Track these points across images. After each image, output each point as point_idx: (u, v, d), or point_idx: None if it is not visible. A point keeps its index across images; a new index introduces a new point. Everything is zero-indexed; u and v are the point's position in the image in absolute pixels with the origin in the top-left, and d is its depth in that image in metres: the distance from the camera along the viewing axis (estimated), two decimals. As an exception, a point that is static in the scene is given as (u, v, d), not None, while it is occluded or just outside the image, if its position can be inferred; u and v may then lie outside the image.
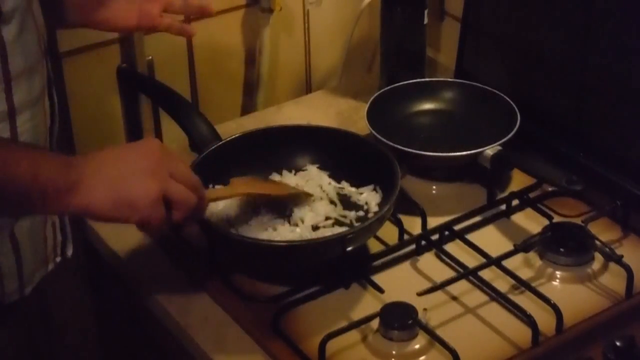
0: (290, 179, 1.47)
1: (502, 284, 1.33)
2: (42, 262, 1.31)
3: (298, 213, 1.40)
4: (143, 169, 1.14)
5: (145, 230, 1.18)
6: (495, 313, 1.30)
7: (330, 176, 1.48)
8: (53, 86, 1.28)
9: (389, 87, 1.68)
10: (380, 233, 1.40)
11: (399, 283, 1.35)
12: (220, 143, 1.47)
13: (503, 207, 1.49)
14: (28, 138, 1.20)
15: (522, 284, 1.32)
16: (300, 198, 1.42)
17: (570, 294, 1.33)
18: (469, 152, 1.50)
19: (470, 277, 1.34)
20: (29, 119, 1.20)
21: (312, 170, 1.49)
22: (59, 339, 1.56)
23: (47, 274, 1.34)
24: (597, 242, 1.38)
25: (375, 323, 1.26)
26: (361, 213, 1.41)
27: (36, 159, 1.09)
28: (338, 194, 1.45)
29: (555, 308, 1.26)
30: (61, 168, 1.10)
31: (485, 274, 1.34)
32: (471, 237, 1.42)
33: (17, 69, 1.17)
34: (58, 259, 1.34)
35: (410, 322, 1.24)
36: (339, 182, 1.47)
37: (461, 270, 1.36)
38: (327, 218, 1.41)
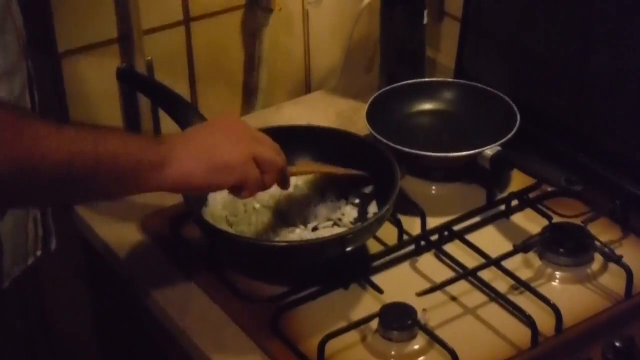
0: (291, 179, 1.47)
1: (502, 284, 1.33)
2: (22, 257, 1.30)
3: (299, 215, 1.40)
4: (230, 135, 1.21)
5: (241, 195, 1.22)
6: (495, 314, 1.30)
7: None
8: (34, 85, 1.28)
9: (388, 88, 1.68)
10: (379, 234, 1.40)
11: (398, 284, 1.35)
12: (220, 143, 1.46)
13: (503, 207, 1.49)
14: None
15: (521, 285, 1.32)
16: (361, 178, 1.44)
17: (570, 294, 1.33)
18: (468, 153, 1.50)
19: (470, 278, 1.34)
20: None
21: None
22: (58, 339, 1.56)
23: (44, 269, 1.33)
24: (597, 243, 1.38)
25: (374, 324, 1.26)
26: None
27: (125, 138, 1.14)
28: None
29: (554, 308, 1.26)
30: (151, 144, 1.15)
31: (485, 274, 1.34)
32: (471, 237, 1.42)
33: None
34: (39, 253, 1.33)
35: (409, 322, 1.24)
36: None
37: (461, 270, 1.36)
38: (327, 219, 1.41)
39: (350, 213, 1.42)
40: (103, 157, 1.08)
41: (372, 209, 1.42)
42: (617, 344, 1.22)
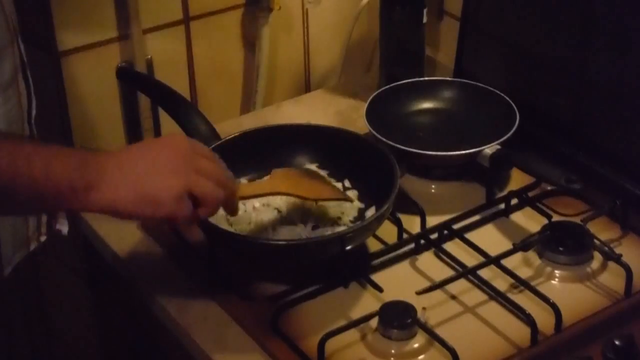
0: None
1: (501, 283, 1.33)
2: (23, 243, 1.29)
3: (299, 213, 1.40)
4: (167, 164, 1.13)
5: (172, 227, 1.17)
6: (494, 312, 1.30)
7: (329, 175, 1.48)
8: (27, 69, 1.27)
9: (388, 86, 1.68)
10: (379, 232, 1.40)
11: (398, 282, 1.35)
12: (220, 142, 1.47)
13: (502, 206, 1.49)
14: (3, 124, 1.20)
15: (521, 283, 1.32)
16: (339, 203, 1.41)
17: (570, 293, 1.33)
18: (468, 151, 1.50)
19: (469, 276, 1.34)
20: (1, 104, 1.20)
21: (312, 169, 1.49)
22: (58, 339, 1.57)
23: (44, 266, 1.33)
24: (596, 241, 1.38)
25: (374, 322, 1.26)
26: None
27: (50, 156, 1.07)
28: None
29: (554, 307, 1.26)
30: (78, 166, 1.08)
31: (484, 273, 1.34)
32: (470, 236, 1.42)
33: None
34: (43, 238, 1.31)
35: (409, 321, 1.25)
36: (338, 181, 1.47)
37: (460, 269, 1.36)
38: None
39: (350, 211, 1.42)
40: (21, 177, 1.03)
41: (371, 208, 1.42)
42: (617, 343, 1.22)
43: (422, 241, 1.41)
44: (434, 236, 1.41)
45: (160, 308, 1.35)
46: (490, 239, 1.43)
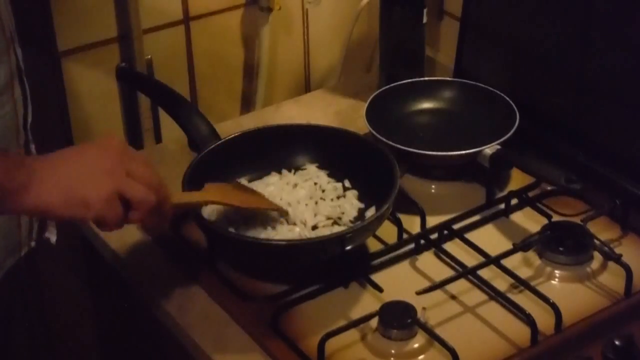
0: (290, 178, 1.47)
1: (501, 283, 1.33)
2: (15, 248, 1.29)
3: (300, 214, 1.41)
4: (98, 167, 1.12)
5: (102, 229, 1.17)
6: (494, 312, 1.30)
7: (329, 175, 1.48)
8: (24, 74, 1.27)
9: (388, 86, 1.68)
10: (379, 232, 1.40)
11: (398, 282, 1.35)
12: (219, 142, 1.47)
13: (502, 206, 1.49)
14: None
15: (521, 283, 1.32)
16: (273, 214, 1.40)
17: (570, 293, 1.33)
18: (468, 151, 1.50)
19: (469, 276, 1.34)
20: None
21: (311, 169, 1.49)
22: (58, 338, 1.57)
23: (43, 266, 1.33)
24: (596, 241, 1.38)
25: (374, 322, 1.26)
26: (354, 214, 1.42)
27: None
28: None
29: (554, 307, 1.26)
30: (9, 169, 1.08)
31: (485, 273, 1.34)
32: (470, 236, 1.42)
33: None
34: (33, 244, 1.32)
35: (409, 321, 1.25)
36: (338, 180, 1.47)
37: (460, 269, 1.36)
38: (327, 218, 1.41)
39: (350, 211, 1.42)
40: None
41: (371, 208, 1.42)
42: (617, 343, 1.22)
43: (422, 241, 1.41)
44: (434, 236, 1.41)
45: (160, 308, 1.35)
46: (490, 239, 1.43)
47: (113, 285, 1.53)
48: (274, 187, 1.44)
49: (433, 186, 1.56)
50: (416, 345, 1.25)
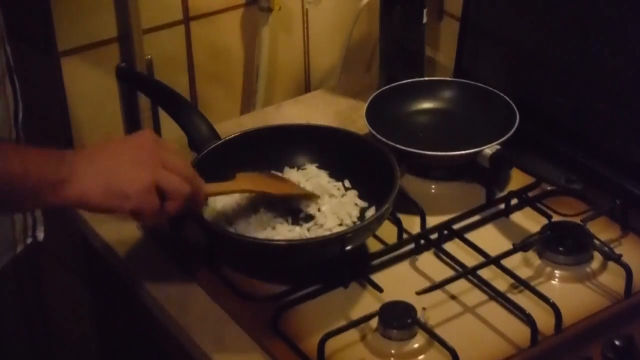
0: (293, 175, 1.47)
1: (501, 283, 1.33)
2: (10, 245, 1.30)
3: (299, 213, 1.41)
4: (135, 159, 1.17)
5: (140, 220, 1.20)
6: (494, 312, 1.30)
7: (329, 175, 1.48)
8: (14, 72, 1.28)
9: (387, 87, 1.68)
10: (379, 232, 1.40)
11: (398, 282, 1.35)
12: (219, 142, 1.47)
13: (502, 206, 1.49)
14: None
15: (521, 283, 1.32)
16: (305, 199, 1.41)
17: (569, 293, 1.33)
18: (468, 151, 1.50)
19: (469, 276, 1.34)
20: None
21: (312, 169, 1.49)
22: (58, 338, 1.57)
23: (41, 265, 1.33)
24: (596, 241, 1.38)
25: (374, 322, 1.26)
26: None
27: (27, 154, 1.11)
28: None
29: (554, 307, 1.26)
30: (52, 162, 1.12)
31: (484, 273, 1.34)
32: (470, 236, 1.42)
33: None
34: (29, 240, 1.33)
35: (409, 321, 1.25)
36: (338, 180, 1.47)
37: (460, 269, 1.36)
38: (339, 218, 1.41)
39: (350, 211, 1.42)
40: (1, 176, 1.07)
41: (371, 208, 1.42)
42: (617, 343, 1.22)
43: (422, 241, 1.41)
44: (434, 236, 1.41)
45: (160, 307, 1.35)
46: (490, 239, 1.43)
47: (113, 285, 1.53)
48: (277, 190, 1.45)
49: (433, 186, 1.56)
50: (416, 346, 1.25)
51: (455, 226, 1.44)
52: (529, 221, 1.46)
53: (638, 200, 1.44)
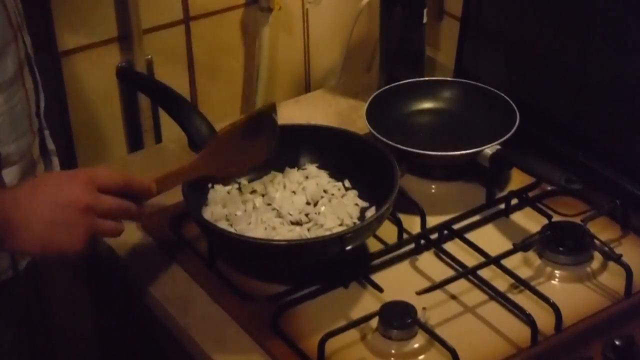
0: (294, 175, 1.47)
1: (501, 283, 1.33)
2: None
3: (321, 216, 1.41)
4: (67, 219, 1.16)
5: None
6: (495, 312, 1.30)
7: (330, 175, 1.48)
8: (33, 61, 1.28)
9: (388, 86, 1.68)
10: (379, 232, 1.40)
11: (398, 282, 1.35)
12: (220, 142, 1.46)
13: (502, 206, 1.49)
14: (7, 120, 1.21)
15: (521, 283, 1.32)
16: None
17: (570, 293, 1.33)
18: (468, 151, 1.50)
19: (470, 276, 1.34)
20: (4, 101, 1.21)
21: (312, 169, 1.49)
22: (58, 339, 1.57)
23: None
24: (596, 241, 1.38)
25: (374, 322, 1.26)
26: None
27: None
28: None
29: (554, 307, 1.26)
30: None
31: (485, 273, 1.34)
32: (470, 236, 1.42)
33: None
34: None
35: (409, 321, 1.25)
36: (338, 180, 1.47)
37: (460, 269, 1.36)
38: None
39: (350, 211, 1.42)
40: None
41: (371, 208, 1.42)
42: (617, 343, 1.22)
43: (422, 241, 1.41)
44: (434, 236, 1.41)
45: (160, 308, 1.35)
46: (491, 239, 1.43)
47: (113, 286, 1.53)
48: (277, 190, 1.44)
49: (433, 186, 1.56)
50: (416, 345, 1.25)
51: (456, 226, 1.44)
52: (529, 221, 1.46)
53: (638, 200, 1.44)
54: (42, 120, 1.31)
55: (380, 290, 1.32)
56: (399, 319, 1.25)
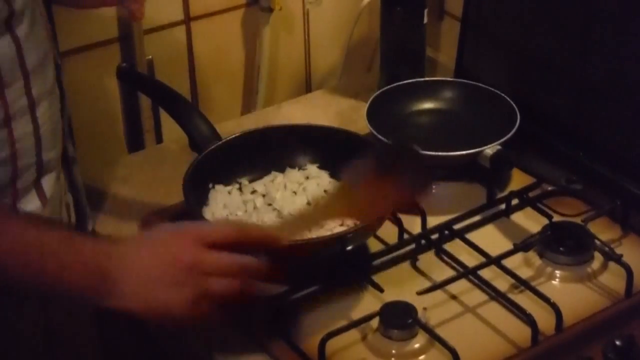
0: (295, 175, 1.47)
1: (502, 283, 1.33)
2: None
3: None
4: (171, 280, 1.09)
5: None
6: (495, 312, 1.30)
7: (330, 175, 1.48)
8: (61, 73, 1.29)
9: (388, 87, 1.68)
10: (380, 232, 1.40)
11: (398, 282, 1.35)
12: (220, 142, 1.46)
13: (503, 206, 1.49)
14: (48, 127, 1.21)
15: (521, 283, 1.32)
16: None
17: (570, 293, 1.33)
18: (468, 152, 1.50)
19: (470, 277, 1.34)
20: (47, 109, 1.21)
21: (312, 169, 1.49)
22: (58, 339, 1.56)
23: None
24: (597, 242, 1.38)
25: (375, 322, 1.26)
26: None
27: (63, 261, 1.07)
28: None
29: (554, 307, 1.26)
30: (90, 276, 1.08)
31: (485, 273, 1.34)
32: (471, 236, 1.42)
33: (33, 63, 1.17)
34: None
35: (410, 321, 1.25)
36: (339, 181, 1.47)
37: (461, 269, 1.36)
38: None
39: None
40: (34, 280, 1.06)
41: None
42: (618, 343, 1.22)
43: (423, 241, 1.41)
44: (435, 236, 1.41)
45: (161, 308, 1.35)
46: (491, 239, 1.43)
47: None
48: (278, 192, 1.44)
49: (433, 186, 1.56)
50: (417, 346, 1.25)
51: (456, 226, 1.44)
52: (529, 221, 1.46)
53: (638, 200, 1.44)
54: (65, 123, 1.31)
55: (381, 290, 1.32)
56: (399, 319, 1.25)
